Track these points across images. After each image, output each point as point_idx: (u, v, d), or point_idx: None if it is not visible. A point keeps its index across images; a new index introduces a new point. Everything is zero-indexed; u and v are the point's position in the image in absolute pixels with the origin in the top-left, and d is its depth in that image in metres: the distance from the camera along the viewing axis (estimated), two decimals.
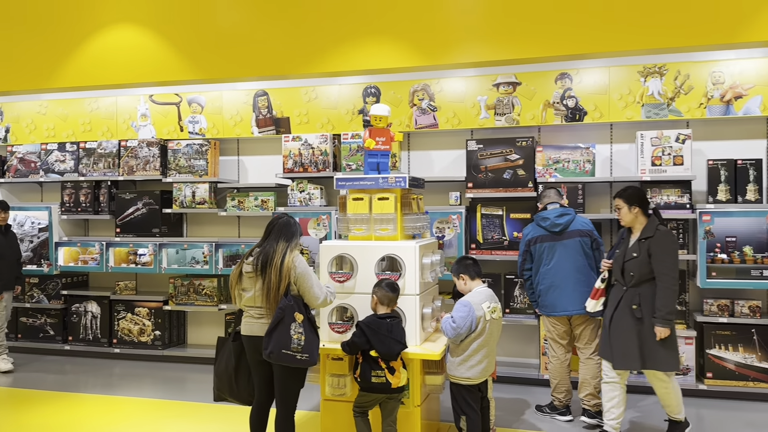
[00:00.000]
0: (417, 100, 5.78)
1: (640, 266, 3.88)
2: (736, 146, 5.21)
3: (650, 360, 3.89)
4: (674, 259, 3.89)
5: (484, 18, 4.59)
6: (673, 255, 3.89)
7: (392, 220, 3.96)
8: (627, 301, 3.92)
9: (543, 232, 4.58)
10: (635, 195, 3.99)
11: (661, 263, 3.84)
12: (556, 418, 4.60)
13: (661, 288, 3.83)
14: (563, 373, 4.58)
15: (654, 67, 5.17)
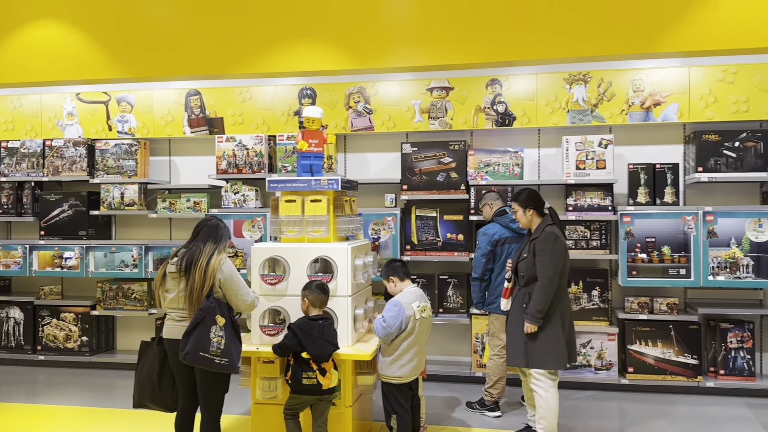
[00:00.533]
0: (353, 103, 5.81)
1: (528, 266, 3.96)
2: (655, 151, 5.49)
3: (530, 358, 3.92)
4: (550, 259, 3.87)
5: (418, 24, 4.66)
6: (550, 255, 3.88)
7: (325, 222, 3.97)
8: (518, 300, 4.02)
9: (510, 233, 4.69)
10: (529, 198, 4.10)
11: (539, 263, 3.90)
12: (485, 414, 4.72)
13: (536, 286, 3.89)
14: (504, 370, 4.72)
15: (579, 75, 5.39)
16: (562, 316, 3.92)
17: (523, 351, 3.94)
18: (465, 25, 4.60)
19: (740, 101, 5.12)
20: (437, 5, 4.63)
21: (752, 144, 5.06)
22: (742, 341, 5.08)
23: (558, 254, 3.88)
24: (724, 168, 5.08)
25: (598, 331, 5.28)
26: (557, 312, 3.89)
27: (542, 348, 3.88)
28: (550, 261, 3.86)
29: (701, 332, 5.18)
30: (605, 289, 5.32)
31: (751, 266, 5.01)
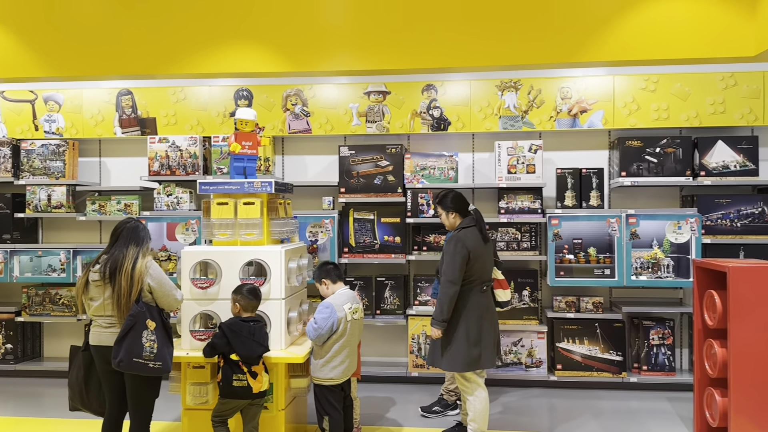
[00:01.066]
0: (290, 105, 5.80)
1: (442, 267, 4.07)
2: (582, 156, 5.72)
3: (441, 360, 4.00)
4: (450, 263, 3.90)
5: (355, 29, 4.71)
6: (451, 259, 3.91)
7: (258, 225, 3.96)
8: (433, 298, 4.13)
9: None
10: (450, 201, 4.20)
11: (443, 266, 3.98)
12: (448, 414, 4.79)
13: (439, 290, 3.98)
14: None
15: (510, 82, 5.55)
16: (472, 319, 3.95)
17: (438, 353, 4.03)
18: (401, 32, 4.68)
19: (661, 109, 5.39)
20: (374, 11, 4.68)
21: (672, 150, 5.34)
22: (663, 338, 5.34)
23: (458, 258, 3.90)
24: (646, 173, 5.34)
25: (529, 329, 5.45)
26: (466, 316, 3.95)
27: (450, 351, 3.95)
28: (450, 264, 3.92)
29: (625, 330, 5.42)
30: (535, 289, 5.50)
31: (672, 266, 5.28)
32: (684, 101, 5.36)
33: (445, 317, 3.90)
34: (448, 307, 3.89)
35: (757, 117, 5.28)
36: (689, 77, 5.34)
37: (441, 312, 3.91)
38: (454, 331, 3.93)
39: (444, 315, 3.89)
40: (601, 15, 4.46)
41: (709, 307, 4.15)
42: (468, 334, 3.92)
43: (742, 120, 5.31)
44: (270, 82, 5.79)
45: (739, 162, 5.27)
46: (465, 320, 3.93)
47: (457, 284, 3.89)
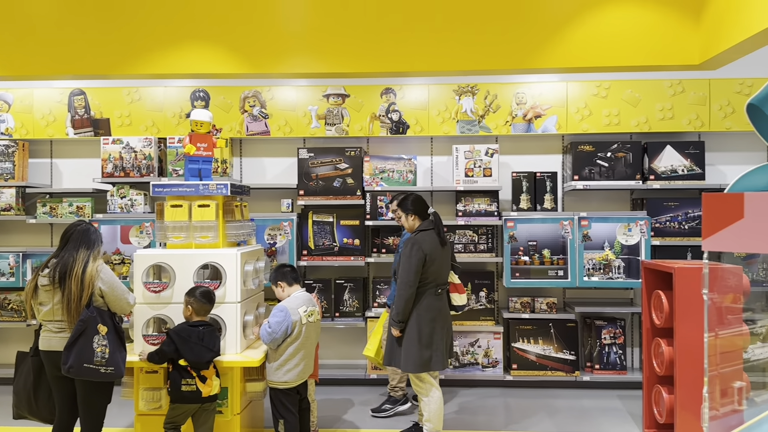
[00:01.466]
0: (248, 107, 5.76)
1: (399, 269, 4.13)
2: (536, 160, 5.84)
3: (396, 360, 4.06)
4: (407, 265, 3.95)
5: (314, 32, 4.71)
6: (407, 261, 3.95)
7: (213, 228, 3.92)
8: (389, 300, 4.19)
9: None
10: (411, 203, 4.26)
11: (400, 268, 4.04)
12: (398, 409, 4.82)
13: (396, 292, 4.05)
14: None
15: (467, 87, 5.63)
16: (425, 321, 4.00)
17: (392, 352, 4.08)
18: (360, 36, 4.70)
19: (612, 114, 5.55)
20: (332, 15, 4.69)
21: (622, 154, 5.50)
22: (614, 337, 5.49)
23: (414, 260, 3.95)
24: (598, 176, 5.49)
25: (485, 330, 5.53)
26: (419, 317, 4.00)
27: (404, 352, 4.00)
28: (407, 266, 3.97)
29: (578, 330, 5.56)
30: (492, 291, 5.59)
31: (622, 267, 5.43)
32: (634, 107, 5.53)
33: (402, 318, 3.95)
34: (404, 309, 3.94)
35: (703, 123, 5.48)
36: (639, 84, 5.51)
37: (398, 313, 3.96)
38: (408, 332, 3.98)
39: (401, 316, 3.95)
40: (554, 23, 4.56)
41: (657, 306, 4.29)
42: (420, 335, 3.97)
43: (689, 126, 5.50)
44: (227, 84, 5.74)
45: (686, 166, 5.46)
46: (417, 322, 3.98)
47: (413, 286, 3.94)
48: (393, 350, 4.09)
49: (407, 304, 3.94)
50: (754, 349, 2.97)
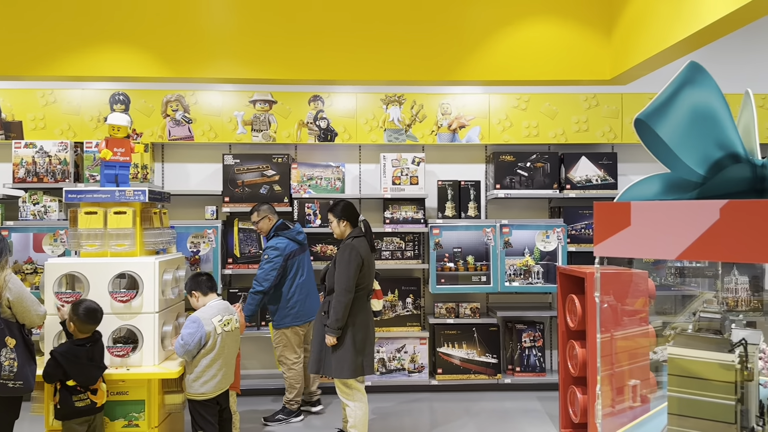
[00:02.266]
0: (171, 111, 5.63)
1: (330, 276, 4.15)
2: (461, 169, 5.99)
3: (324, 366, 4.08)
4: (346, 271, 3.97)
5: (241, 37, 4.66)
6: (345, 267, 3.98)
7: (130, 235, 3.80)
8: (321, 308, 4.21)
9: (296, 246, 4.90)
10: (344, 210, 4.30)
11: (336, 274, 4.05)
12: (291, 422, 4.81)
13: (333, 298, 4.04)
14: (302, 375, 4.92)
15: (394, 97, 5.72)
16: (358, 327, 4.04)
17: (323, 360, 4.08)
18: (287, 43, 4.69)
19: (531, 126, 5.77)
20: (259, 21, 4.66)
21: (541, 165, 5.72)
22: (534, 340, 5.69)
23: (353, 266, 4.00)
24: (518, 185, 5.69)
25: (412, 336, 5.61)
26: (353, 323, 4.03)
27: (337, 358, 4.01)
28: (345, 272, 3.99)
29: (500, 333, 5.72)
30: (418, 297, 5.68)
31: (541, 273, 5.64)
32: (552, 119, 5.77)
33: (341, 325, 3.96)
34: (344, 315, 3.96)
35: (616, 135, 5.78)
36: (557, 97, 5.76)
37: (337, 320, 3.95)
38: (342, 338, 4.00)
39: (340, 323, 3.96)
40: (477, 38, 4.71)
41: (571, 310, 4.49)
42: (354, 341, 4.01)
43: (603, 138, 5.79)
44: (149, 87, 5.58)
45: (600, 176, 5.74)
46: (352, 328, 4.01)
47: (352, 292, 3.98)
48: (323, 357, 4.08)
49: (346, 310, 3.96)
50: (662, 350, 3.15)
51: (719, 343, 1.54)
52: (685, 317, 3.26)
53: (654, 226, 1.45)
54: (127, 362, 3.67)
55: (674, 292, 3.81)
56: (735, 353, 1.50)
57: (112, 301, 3.65)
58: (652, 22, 3.96)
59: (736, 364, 1.49)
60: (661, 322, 3.47)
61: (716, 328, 1.64)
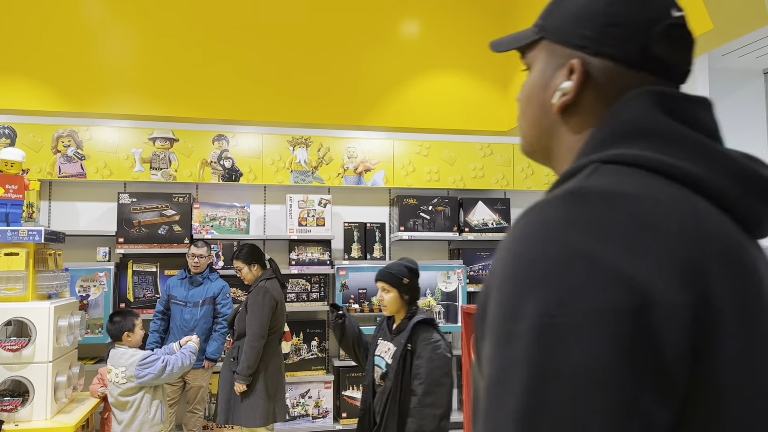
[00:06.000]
0: (62, 147, 5.30)
1: (240, 320, 4.07)
2: (367, 211, 6.11)
3: (234, 415, 3.97)
4: (259, 315, 3.93)
5: (141, 72, 4.53)
6: (259, 311, 3.93)
7: (22, 279, 3.51)
8: (229, 354, 4.09)
9: None
10: (250, 254, 4.26)
11: (249, 318, 3.99)
12: None
13: (245, 344, 3.94)
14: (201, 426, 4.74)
15: (301, 139, 5.77)
16: (270, 372, 3.96)
17: (231, 408, 3.93)
18: (190, 81, 4.63)
19: (432, 171, 6.03)
20: (161, 57, 4.57)
21: (442, 208, 5.98)
22: None
23: (266, 310, 3.92)
24: (421, 228, 5.89)
25: (316, 380, 5.54)
26: (265, 368, 3.94)
27: (248, 406, 3.89)
28: (259, 317, 3.91)
29: None
30: (323, 339, 5.64)
31: (443, 313, 5.82)
32: (451, 166, 6.07)
33: (252, 371, 3.83)
34: (255, 361, 3.83)
35: (508, 182, 6.19)
36: (455, 145, 6.08)
37: (249, 366, 3.82)
38: (254, 384, 3.86)
39: (251, 369, 3.82)
40: (383, 86, 4.91)
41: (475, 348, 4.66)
42: (267, 387, 3.89)
43: (497, 184, 6.17)
44: (38, 121, 5.23)
45: (495, 220, 6.08)
46: (264, 373, 3.90)
47: (265, 337, 3.87)
48: (231, 406, 3.92)
49: (258, 356, 3.83)
50: None
51: None
52: None
53: None
54: (14, 417, 3.33)
55: None
56: None
57: (0, 350, 3.32)
58: None
59: None
60: None
61: None
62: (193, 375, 4.69)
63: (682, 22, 0.79)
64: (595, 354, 0.57)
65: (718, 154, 0.71)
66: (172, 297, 4.81)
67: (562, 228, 0.63)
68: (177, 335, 4.62)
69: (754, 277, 0.67)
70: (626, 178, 0.68)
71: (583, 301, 0.59)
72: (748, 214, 0.71)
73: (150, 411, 3.52)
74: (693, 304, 0.61)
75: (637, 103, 0.75)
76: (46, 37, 4.35)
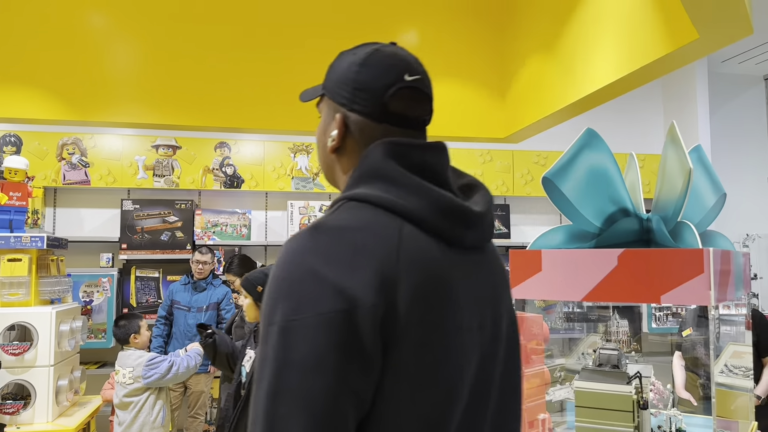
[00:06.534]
0: (66, 154, 5.39)
1: (237, 329, 4.13)
2: None
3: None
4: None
5: (144, 81, 4.60)
6: None
7: (25, 284, 3.58)
8: None
9: None
10: (241, 266, 4.32)
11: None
12: None
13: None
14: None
15: (302, 146, 5.84)
16: None
17: None
18: (193, 89, 4.69)
19: None
20: (164, 65, 4.64)
21: None
22: None
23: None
24: None
25: None
26: None
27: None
28: None
29: None
30: None
31: None
32: None
33: None
34: None
35: (508, 188, 6.22)
36: (455, 152, 6.12)
37: None
38: None
39: None
40: None
41: None
42: None
43: (497, 191, 6.20)
44: (44, 129, 5.34)
45: (495, 227, 6.11)
46: None
47: None
48: None
49: None
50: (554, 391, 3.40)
51: (618, 376, 1.75)
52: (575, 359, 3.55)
53: (562, 271, 1.65)
54: (17, 420, 3.39)
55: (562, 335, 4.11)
56: (632, 385, 1.71)
57: (3, 354, 3.39)
58: (543, 86, 4.39)
59: (632, 394, 1.70)
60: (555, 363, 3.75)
61: (614, 363, 1.85)
62: (195, 380, 4.75)
63: (414, 84, 1.03)
64: (317, 345, 0.81)
65: (426, 191, 0.95)
66: (176, 302, 4.88)
67: (302, 254, 0.87)
68: (180, 340, 4.68)
69: (440, 281, 0.91)
70: (358, 212, 0.93)
71: (311, 308, 0.82)
72: (449, 234, 0.95)
73: (152, 413, 3.58)
74: (384, 305, 0.84)
75: (375, 152, 0.98)
76: (52, 47, 4.43)
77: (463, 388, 0.91)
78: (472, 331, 0.95)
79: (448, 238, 0.95)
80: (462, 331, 0.93)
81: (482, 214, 1.01)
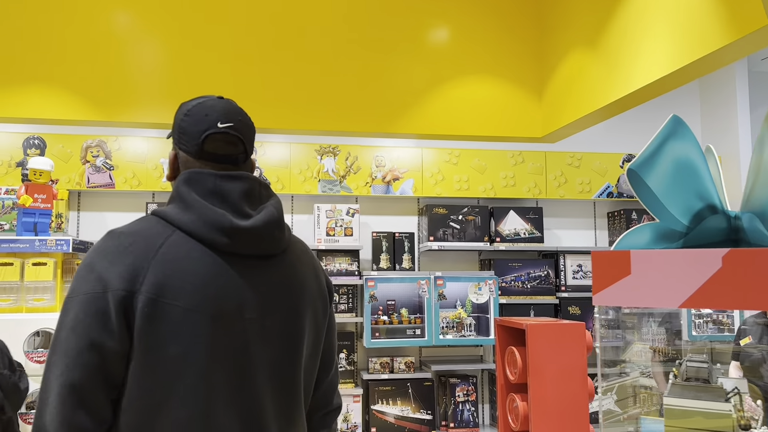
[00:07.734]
0: (91, 157, 5.29)
1: None
2: (395, 221, 6.00)
3: None
4: None
5: (170, 82, 4.49)
6: None
7: (50, 289, 3.47)
8: None
9: None
10: None
11: None
12: None
13: None
14: None
15: (329, 148, 5.70)
16: None
17: None
18: (218, 89, 4.57)
19: (462, 180, 5.90)
20: (189, 66, 4.53)
21: (472, 217, 5.84)
22: (467, 394, 5.65)
23: None
24: (451, 238, 5.75)
25: (345, 393, 5.40)
26: None
27: None
28: None
29: (434, 388, 5.64)
30: (352, 352, 5.52)
31: (473, 325, 5.67)
32: (482, 174, 5.94)
33: None
34: None
35: (541, 191, 6.03)
36: (486, 153, 5.95)
37: None
38: None
39: None
40: (412, 93, 4.80)
41: (511, 362, 4.49)
42: None
43: (528, 193, 6.01)
44: (68, 131, 5.25)
45: (527, 230, 5.92)
46: None
47: None
48: None
49: None
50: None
51: (714, 392, 1.56)
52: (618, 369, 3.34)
53: (655, 274, 1.47)
54: None
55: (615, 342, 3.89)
56: (731, 402, 1.52)
57: (28, 361, 3.27)
58: (583, 83, 4.20)
59: (733, 413, 1.51)
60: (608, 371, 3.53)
61: (704, 377, 1.66)
62: None
63: (224, 131, 1.40)
64: (78, 314, 1.23)
65: (201, 209, 1.32)
66: None
67: (92, 251, 1.31)
68: None
69: (186, 274, 1.27)
70: (144, 222, 1.35)
71: (80, 288, 1.26)
72: (212, 241, 1.31)
73: None
74: (128, 289, 1.24)
75: (179, 179, 1.37)
76: (75, 47, 4.33)
77: (197, 354, 1.24)
78: (227, 315, 1.29)
79: (214, 245, 1.30)
80: (194, 313, 1.25)
81: (249, 228, 1.32)
